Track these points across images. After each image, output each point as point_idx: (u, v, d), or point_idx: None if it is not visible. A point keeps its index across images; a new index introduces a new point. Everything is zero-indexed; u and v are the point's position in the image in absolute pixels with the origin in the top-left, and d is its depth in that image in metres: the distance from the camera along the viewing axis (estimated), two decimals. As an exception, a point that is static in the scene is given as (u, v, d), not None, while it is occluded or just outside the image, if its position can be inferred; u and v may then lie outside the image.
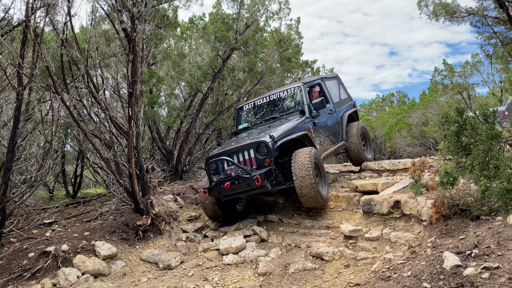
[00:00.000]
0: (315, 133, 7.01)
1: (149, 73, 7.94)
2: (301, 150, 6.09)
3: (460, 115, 3.07)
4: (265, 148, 5.99)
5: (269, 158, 5.96)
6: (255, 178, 5.70)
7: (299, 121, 6.78)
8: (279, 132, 6.24)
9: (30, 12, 5.68)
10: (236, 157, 6.24)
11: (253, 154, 6.12)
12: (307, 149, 6.08)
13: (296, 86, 7.48)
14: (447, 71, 20.18)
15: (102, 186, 9.60)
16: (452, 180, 3.66)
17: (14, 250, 5.44)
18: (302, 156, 5.93)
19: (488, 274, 2.62)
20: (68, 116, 6.93)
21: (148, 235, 6.43)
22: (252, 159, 6.13)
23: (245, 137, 6.85)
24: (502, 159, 2.63)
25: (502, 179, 2.69)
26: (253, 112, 8.14)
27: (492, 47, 12.14)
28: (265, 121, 7.55)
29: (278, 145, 6.00)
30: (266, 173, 5.86)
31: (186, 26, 12.16)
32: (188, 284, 4.82)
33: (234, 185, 5.91)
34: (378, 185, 6.40)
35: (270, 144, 5.93)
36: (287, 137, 6.23)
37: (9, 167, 5.62)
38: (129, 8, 6.15)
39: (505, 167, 2.65)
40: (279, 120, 7.24)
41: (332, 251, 4.92)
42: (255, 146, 6.07)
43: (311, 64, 14.99)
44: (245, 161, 6.18)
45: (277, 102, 7.75)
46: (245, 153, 6.20)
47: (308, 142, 6.63)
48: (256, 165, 6.08)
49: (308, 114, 7.02)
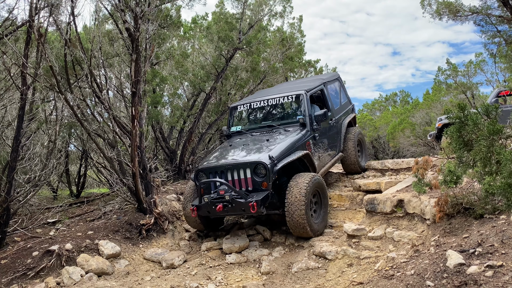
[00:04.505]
0: (314, 149, 6.54)
1: (152, 72, 7.96)
2: (301, 176, 5.62)
3: (462, 111, 3.07)
4: (263, 169, 5.51)
5: (267, 182, 5.48)
6: (251, 205, 5.21)
7: (300, 136, 6.25)
8: (279, 151, 5.73)
9: (34, 12, 5.70)
10: (230, 174, 5.70)
11: (250, 174, 5.58)
12: (307, 176, 5.63)
13: (298, 94, 6.78)
14: (450, 70, 20.10)
15: (105, 186, 9.63)
16: (455, 178, 3.64)
17: (19, 249, 5.47)
18: (301, 183, 5.47)
19: (492, 272, 2.62)
20: (71, 115, 6.95)
21: (152, 234, 6.44)
22: (248, 179, 5.60)
23: (240, 148, 6.25)
24: (504, 153, 2.62)
25: (504, 174, 2.68)
26: (248, 114, 7.52)
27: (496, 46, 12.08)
28: (261, 128, 6.87)
29: (277, 168, 5.53)
30: (263, 199, 5.36)
31: (189, 26, 12.19)
32: (192, 283, 4.82)
33: (227, 208, 5.43)
34: (381, 184, 6.40)
35: (269, 166, 5.45)
36: (287, 157, 5.75)
37: (13, 166, 5.64)
38: (132, 8, 6.17)
39: (507, 162, 2.64)
40: (277, 131, 6.54)
41: (335, 250, 4.92)
42: (253, 167, 5.55)
43: (314, 63, 14.99)
44: (240, 180, 5.65)
45: (275, 107, 7.15)
46: (240, 172, 5.64)
47: (308, 160, 6.20)
48: (252, 186, 5.58)
49: (309, 127, 6.47)
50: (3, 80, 6.52)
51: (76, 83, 7.22)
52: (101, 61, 7.34)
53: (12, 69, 6.18)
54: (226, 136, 7.25)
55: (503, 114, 8.40)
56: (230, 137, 7.09)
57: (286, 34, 12.33)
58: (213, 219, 6.32)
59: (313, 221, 5.53)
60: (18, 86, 5.78)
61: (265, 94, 7.45)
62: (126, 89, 8.54)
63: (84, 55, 6.57)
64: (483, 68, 19.57)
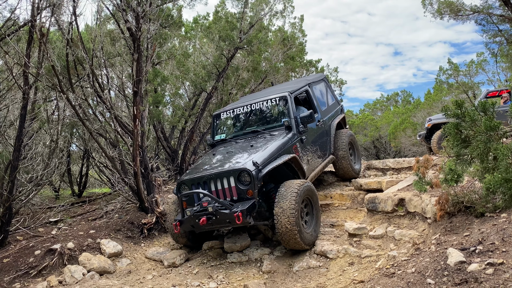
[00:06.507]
0: (302, 152, 6.18)
1: (153, 72, 7.98)
2: (289, 184, 5.23)
3: (460, 108, 3.08)
4: (247, 177, 5.12)
5: (252, 189, 5.09)
6: (236, 215, 4.81)
7: (286, 139, 5.89)
8: (264, 156, 5.37)
9: (36, 12, 5.73)
10: (213, 184, 5.31)
11: (234, 183, 5.19)
12: (296, 183, 5.22)
13: (281, 96, 6.42)
14: (452, 70, 20.12)
15: (107, 186, 9.66)
16: (456, 177, 3.65)
17: (21, 248, 5.50)
18: (289, 191, 5.08)
19: (493, 270, 2.62)
20: (73, 115, 6.98)
21: (153, 233, 6.47)
22: (232, 188, 5.21)
23: (224, 156, 5.91)
24: (500, 149, 2.63)
25: (500, 169, 2.69)
26: (232, 121, 7.16)
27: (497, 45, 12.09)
28: (246, 134, 6.52)
29: (263, 174, 5.15)
30: (249, 209, 4.94)
31: (191, 26, 12.21)
32: (193, 281, 4.84)
33: (211, 221, 5.04)
34: (382, 183, 6.40)
35: (253, 173, 5.07)
36: (273, 162, 5.39)
37: (16, 165, 5.67)
38: (133, 8, 6.19)
39: (503, 157, 2.66)
40: (262, 136, 6.18)
41: (336, 249, 4.92)
42: (236, 174, 5.17)
43: (315, 63, 14.99)
44: (224, 190, 5.26)
45: (259, 112, 6.76)
46: (224, 181, 5.25)
47: (295, 164, 5.84)
48: (237, 195, 5.19)
49: (295, 130, 6.11)
50: (5, 80, 6.55)
51: (78, 83, 7.26)
52: (103, 61, 7.37)
53: (14, 69, 6.21)
54: (210, 146, 6.86)
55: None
56: (214, 146, 6.75)
57: (287, 33, 12.35)
58: (200, 234, 5.95)
59: (305, 232, 5.13)
60: (20, 86, 5.81)
61: (249, 99, 7.10)
62: (128, 89, 8.58)
63: (86, 54, 6.60)
64: (484, 67, 19.59)
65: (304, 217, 5.34)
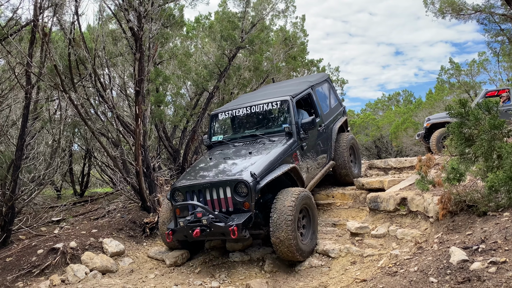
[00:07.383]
0: (302, 159, 5.97)
1: (155, 72, 7.99)
2: (286, 193, 5.02)
3: (463, 107, 3.08)
4: (244, 188, 4.88)
5: (249, 202, 4.87)
6: (231, 229, 4.58)
7: (286, 146, 5.66)
8: (262, 166, 5.14)
9: (38, 11, 5.74)
10: (209, 193, 5.07)
11: (230, 193, 4.96)
12: (293, 192, 5.02)
13: (283, 100, 6.19)
14: (453, 69, 20.11)
15: (109, 186, 9.67)
16: (458, 176, 3.65)
17: (23, 247, 5.51)
18: (286, 200, 4.88)
19: (495, 269, 2.62)
20: (75, 115, 6.99)
21: (155, 233, 6.47)
22: (228, 199, 4.98)
23: (221, 162, 5.67)
24: (505, 147, 2.63)
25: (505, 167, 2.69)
26: (230, 122, 6.93)
27: (499, 44, 12.08)
28: (244, 138, 6.28)
29: (261, 186, 4.92)
30: (244, 223, 4.73)
31: (192, 26, 12.21)
32: (195, 280, 4.85)
33: (205, 233, 4.80)
34: (384, 182, 6.40)
35: (251, 184, 4.83)
36: (272, 172, 5.17)
37: (18, 165, 5.68)
38: (135, 7, 6.20)
39: (508, 155, 2.65)
40: (262, 141, 5.95)
41: (338, 248, 4.93)
42: (233, 185, 4.93)
43: (316, 63, 14.99)
44: (219, 201, 5.03)
45: (259, 114, 6.50)
46: (220, 191, 5.02)
47: (295, 174, 5.65)
48: (233, 206, 4.97)
49: (296, 136, 5.89)
50: (8, 79, 6.57)
51: (80, 82, 7.26)
52: (105, 61, 7.38)
53: (17, 69, 6.23)
54: (207, 147, 6.66)
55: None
56: (211, 147, 6.54)
57: (289, 33, 12.34)
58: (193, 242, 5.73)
59: (301, 243, 4.93)
60: (22, 85, 5.82)
61: (249, 98, 6.92)
62: (130, 88, 8.59)
63: (88, 54, 6.61)
64: (486, 67, 19.56)
65: (300, 228, 5.14)
